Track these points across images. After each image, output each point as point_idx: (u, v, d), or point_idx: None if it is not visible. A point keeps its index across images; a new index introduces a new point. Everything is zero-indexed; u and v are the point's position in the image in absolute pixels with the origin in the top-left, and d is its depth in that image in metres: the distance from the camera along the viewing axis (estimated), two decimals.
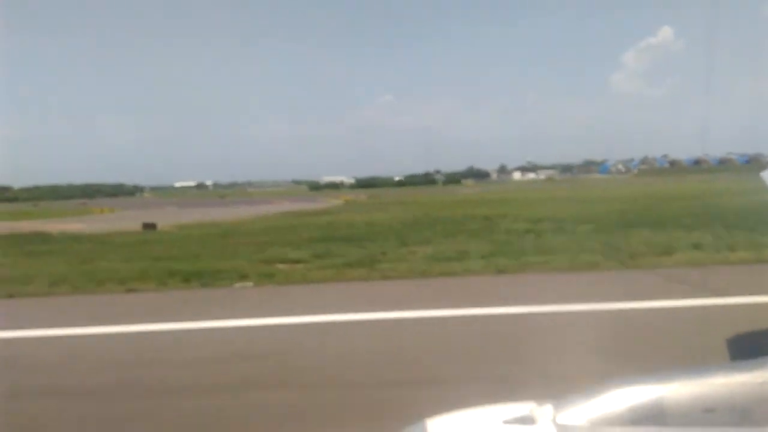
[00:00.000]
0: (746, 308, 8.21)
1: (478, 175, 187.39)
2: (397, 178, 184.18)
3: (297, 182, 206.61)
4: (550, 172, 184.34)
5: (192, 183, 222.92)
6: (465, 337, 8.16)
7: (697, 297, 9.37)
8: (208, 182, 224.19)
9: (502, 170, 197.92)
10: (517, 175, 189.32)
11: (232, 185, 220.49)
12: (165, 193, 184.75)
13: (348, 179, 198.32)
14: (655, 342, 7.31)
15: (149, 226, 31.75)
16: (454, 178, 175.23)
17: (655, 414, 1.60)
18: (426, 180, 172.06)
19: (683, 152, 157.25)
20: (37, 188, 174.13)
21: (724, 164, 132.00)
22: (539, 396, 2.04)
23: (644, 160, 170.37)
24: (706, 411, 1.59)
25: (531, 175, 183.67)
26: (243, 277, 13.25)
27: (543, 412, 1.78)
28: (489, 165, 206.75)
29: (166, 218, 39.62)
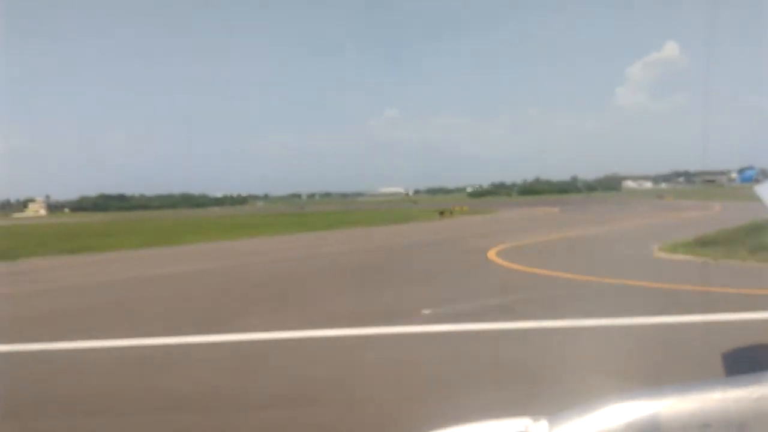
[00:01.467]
0: None
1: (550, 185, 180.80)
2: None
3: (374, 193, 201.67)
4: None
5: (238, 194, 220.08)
6: None
7: None
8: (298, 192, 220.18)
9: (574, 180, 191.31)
10: (630, 184, 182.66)
11: (326, 195, 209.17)
12: (274, 202, 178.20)
13: (407, 189, 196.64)
14: None
15: None
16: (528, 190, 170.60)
17: (650, 430, 1.58)
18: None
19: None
20: (169, 197, 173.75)
21: None
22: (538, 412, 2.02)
23: None
24: (702, 426, 1.57)
25: (648, 185, 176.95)
26: None
27: (538, 428, 1.76)
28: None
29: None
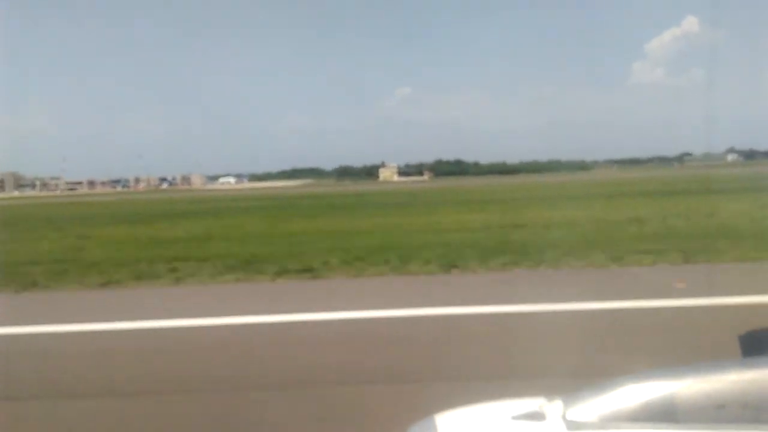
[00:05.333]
0: None
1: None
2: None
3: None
4: None
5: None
6: None
7: None
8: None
9: None
10: None
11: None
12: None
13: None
14: None
15: None
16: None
17: (666, 410, 1.59)
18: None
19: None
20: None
21: None
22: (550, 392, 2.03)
23: None
24: (718, 407, 1.58)
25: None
26: None
27: (552, 407, 1.77)
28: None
29: None
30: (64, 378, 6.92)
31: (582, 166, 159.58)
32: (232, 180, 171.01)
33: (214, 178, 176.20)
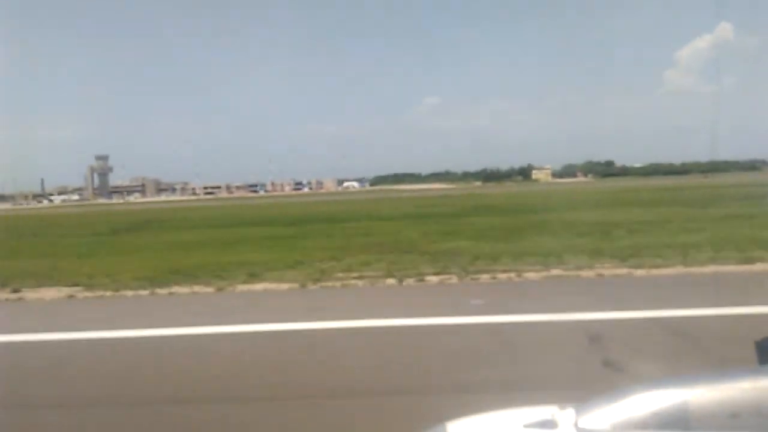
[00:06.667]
0: None
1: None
2: None
3: None
4: None
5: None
6: None
7: None
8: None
9: None
10: None
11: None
12: None
13: None
14: None
15: None
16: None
17: (679, 418, 1.58)
18: None
19: None
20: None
21: None
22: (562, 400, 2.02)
23: None
24: (732, 416, 1.56)
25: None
26: None
27: (565, 416, 1.77)
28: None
29: None
30: None
31: (752, 167, 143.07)
32: (356, 184, 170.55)
33: (339, 183, 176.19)
